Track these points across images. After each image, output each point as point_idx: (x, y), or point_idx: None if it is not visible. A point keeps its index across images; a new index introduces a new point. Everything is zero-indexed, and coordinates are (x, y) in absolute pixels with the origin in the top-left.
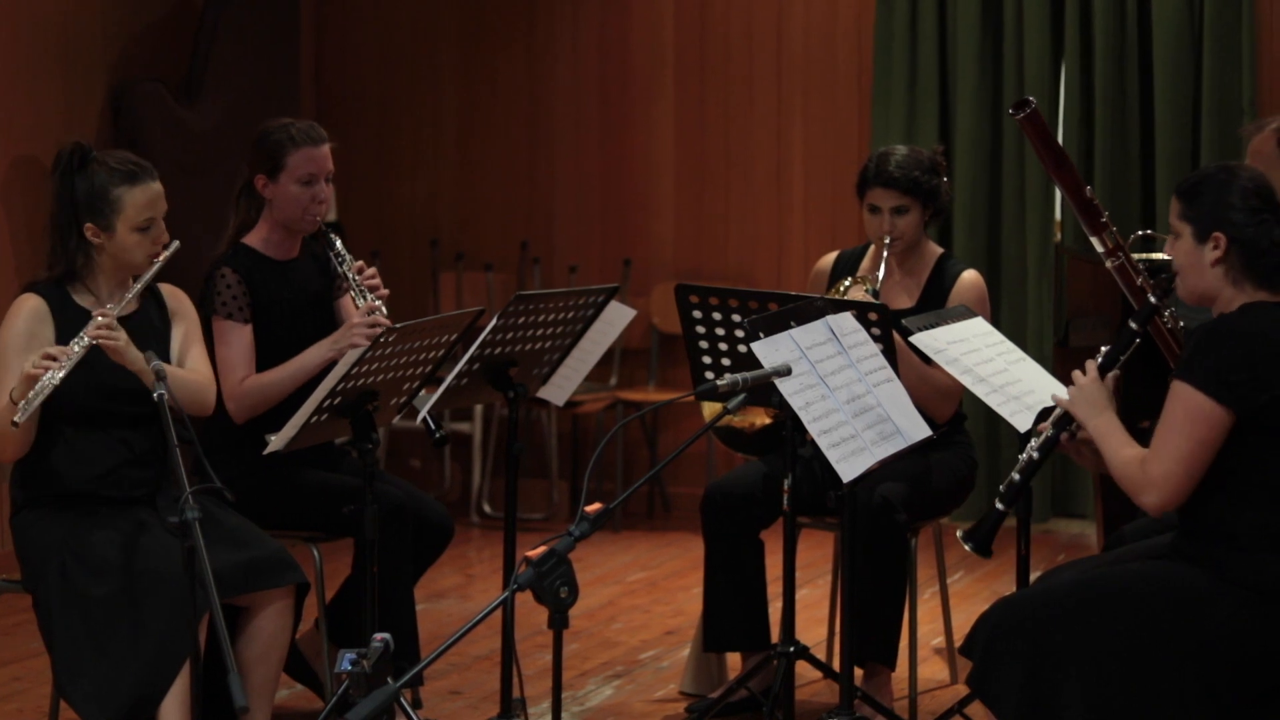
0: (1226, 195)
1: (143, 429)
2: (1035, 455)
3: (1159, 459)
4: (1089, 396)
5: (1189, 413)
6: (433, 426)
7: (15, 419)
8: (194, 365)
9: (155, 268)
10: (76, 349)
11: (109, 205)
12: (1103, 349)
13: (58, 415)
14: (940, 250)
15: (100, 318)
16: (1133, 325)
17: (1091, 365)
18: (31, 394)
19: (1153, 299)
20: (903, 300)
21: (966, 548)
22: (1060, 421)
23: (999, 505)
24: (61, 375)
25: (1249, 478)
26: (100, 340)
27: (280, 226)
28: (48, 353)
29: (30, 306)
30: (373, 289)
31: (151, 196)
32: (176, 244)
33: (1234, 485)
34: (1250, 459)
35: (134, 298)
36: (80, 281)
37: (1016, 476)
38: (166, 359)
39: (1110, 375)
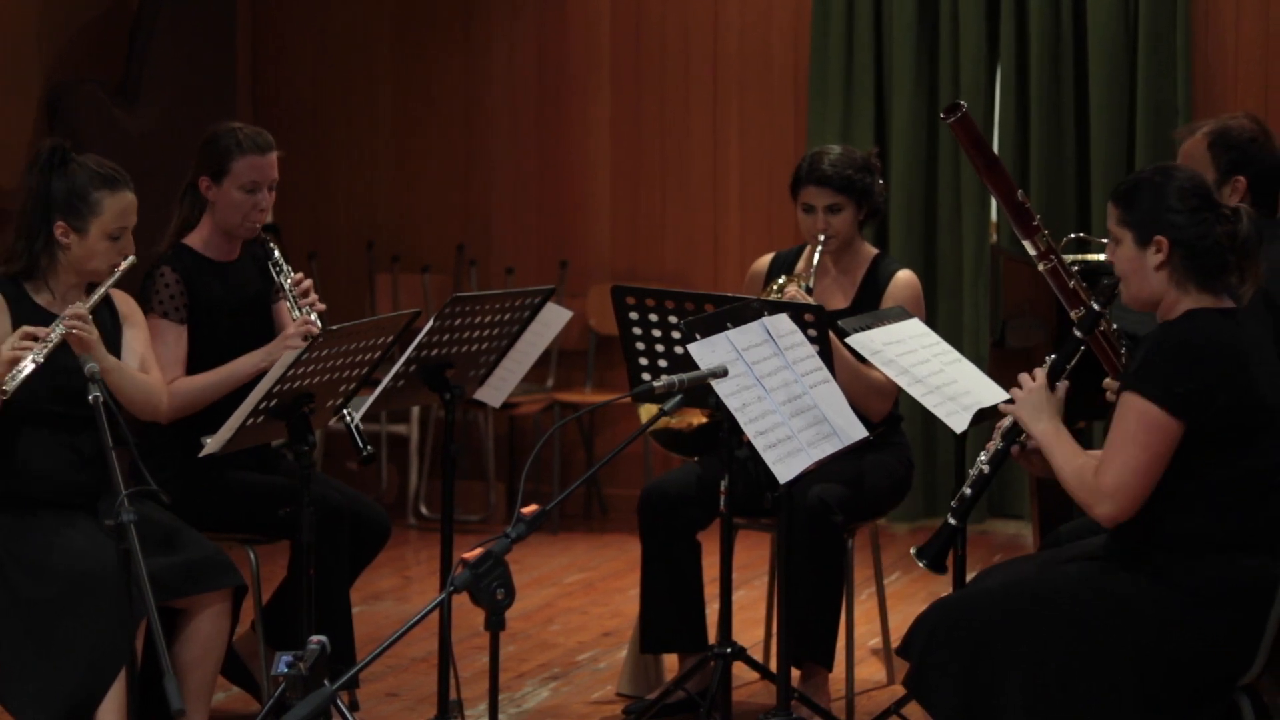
0: (1164, 197)
1: (88, 433)
2: (986, 469)
3: (1113, 471)
4: (1033, 401)
5: (1142, 425)
6: (361, 443)
7: (4, 387)
8: (148, 370)
9: (115, 276)
10: (54, 334)
11: (87, 207)
12: (1048, 358)
13: (6, 418)
14: (875, 250)
15: (74, 310)
16: (1077, 333)
17: (1040, 372)
18: (12, 373)
19: (1095, 305)
20: (838, 300)
21: (920, 564)
22: (1009, 433)
23: (951, 520)
24: (42, 358)
25: (1186, 484)
26: (75, 330)
27: (220, 229)
28: (28, 331)
29: None
30: (310, 302)
31: (127, 205)
32: (134, 259)
33: (1170, 491)
34: (1189, 466)
35: (94, 302)
36: (38, 279)
37: (968, 491)
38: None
39: (1061, 386)
